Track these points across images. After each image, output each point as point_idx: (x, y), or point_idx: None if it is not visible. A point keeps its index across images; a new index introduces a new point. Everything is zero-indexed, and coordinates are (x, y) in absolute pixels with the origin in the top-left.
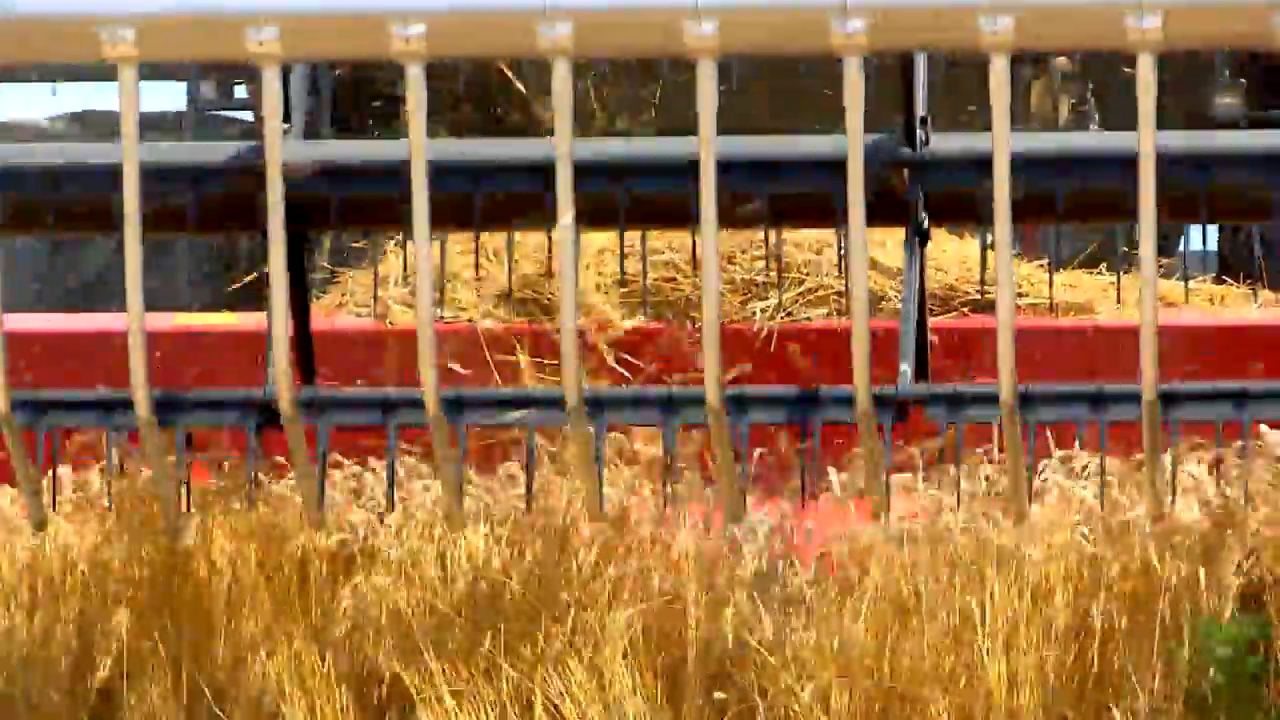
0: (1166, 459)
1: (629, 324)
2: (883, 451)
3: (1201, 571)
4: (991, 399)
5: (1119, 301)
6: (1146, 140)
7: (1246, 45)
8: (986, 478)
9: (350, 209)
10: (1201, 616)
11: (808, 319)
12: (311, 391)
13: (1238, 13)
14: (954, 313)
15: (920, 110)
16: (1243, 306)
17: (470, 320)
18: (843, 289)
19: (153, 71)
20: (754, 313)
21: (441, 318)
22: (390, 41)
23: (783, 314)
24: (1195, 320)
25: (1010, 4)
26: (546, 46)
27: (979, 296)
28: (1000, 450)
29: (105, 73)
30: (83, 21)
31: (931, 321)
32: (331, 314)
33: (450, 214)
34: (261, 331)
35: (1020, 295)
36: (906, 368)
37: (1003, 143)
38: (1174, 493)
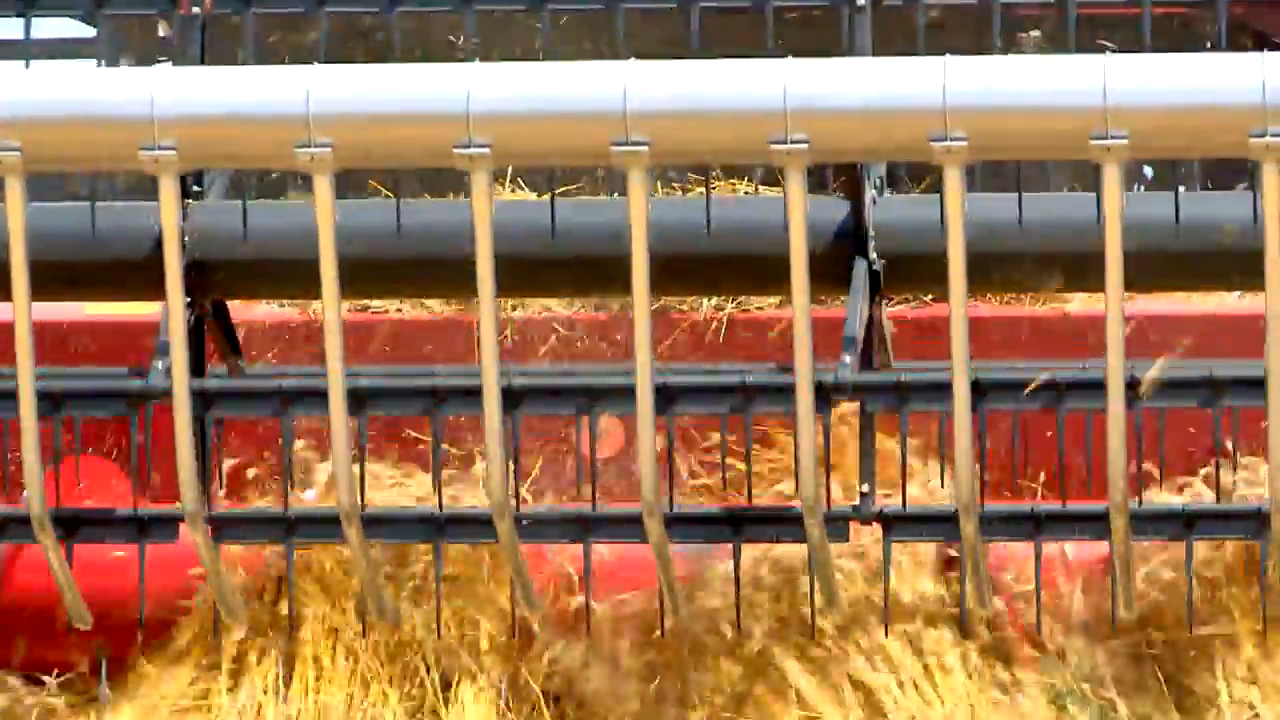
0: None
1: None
2: (830, 550)
3: None
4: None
5: None
6: (1113, 247)
7: (1217, 155)
8: None
9: (263, 278)
10: None
11: (759, 309)
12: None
13: (1209, 123)
14: (914, 301)
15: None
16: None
17: (400, 311)
18: None
19: None
20: (701, 302)
21: (368, 308)
22: (295, 155)
23: (733, 302)
24: (1171, 309)
25: (964, 113)
26: (463, 161)
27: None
28: None
29: None
30: None
31: (890, 311)
32: (249, 304)
33: (369, 276)
34: None
35: None
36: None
37: (958, 250)
38: None
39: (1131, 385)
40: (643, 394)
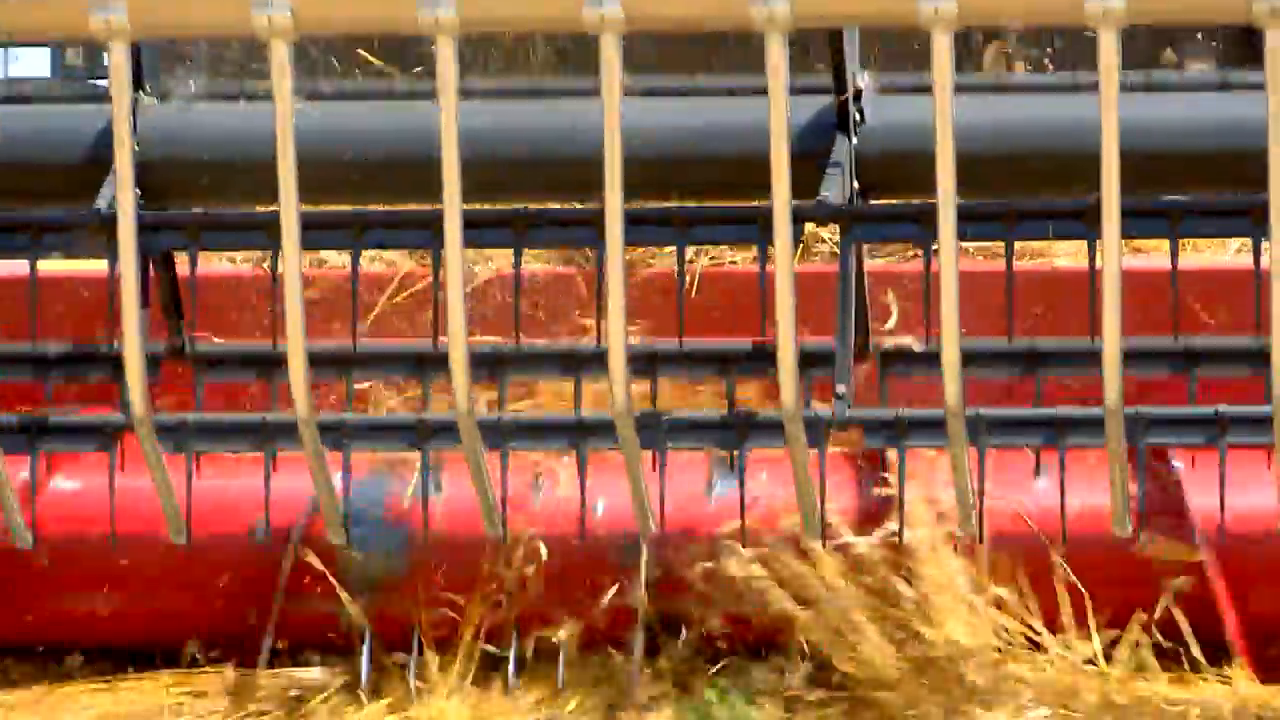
0: None
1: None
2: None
3: None
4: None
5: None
6: (1110, 128)
7: (1218, 21)
8: None
9: (212, 187)
10: None
11: (734, 263)
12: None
13: None
14: (895, 256)
15: (852, 69)
16: (1218, 251)
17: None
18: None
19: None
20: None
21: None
22: (251, 19)
23: (708, 258)
24: (1162, 266)
25: None
26: (428, 24)
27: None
28: None
29: None
30: None
31: (873, 266)
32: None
33: (325, 186)
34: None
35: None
36: (843, 388)
37: (946, 131)
38: None
39: None
40: (614, 301)
